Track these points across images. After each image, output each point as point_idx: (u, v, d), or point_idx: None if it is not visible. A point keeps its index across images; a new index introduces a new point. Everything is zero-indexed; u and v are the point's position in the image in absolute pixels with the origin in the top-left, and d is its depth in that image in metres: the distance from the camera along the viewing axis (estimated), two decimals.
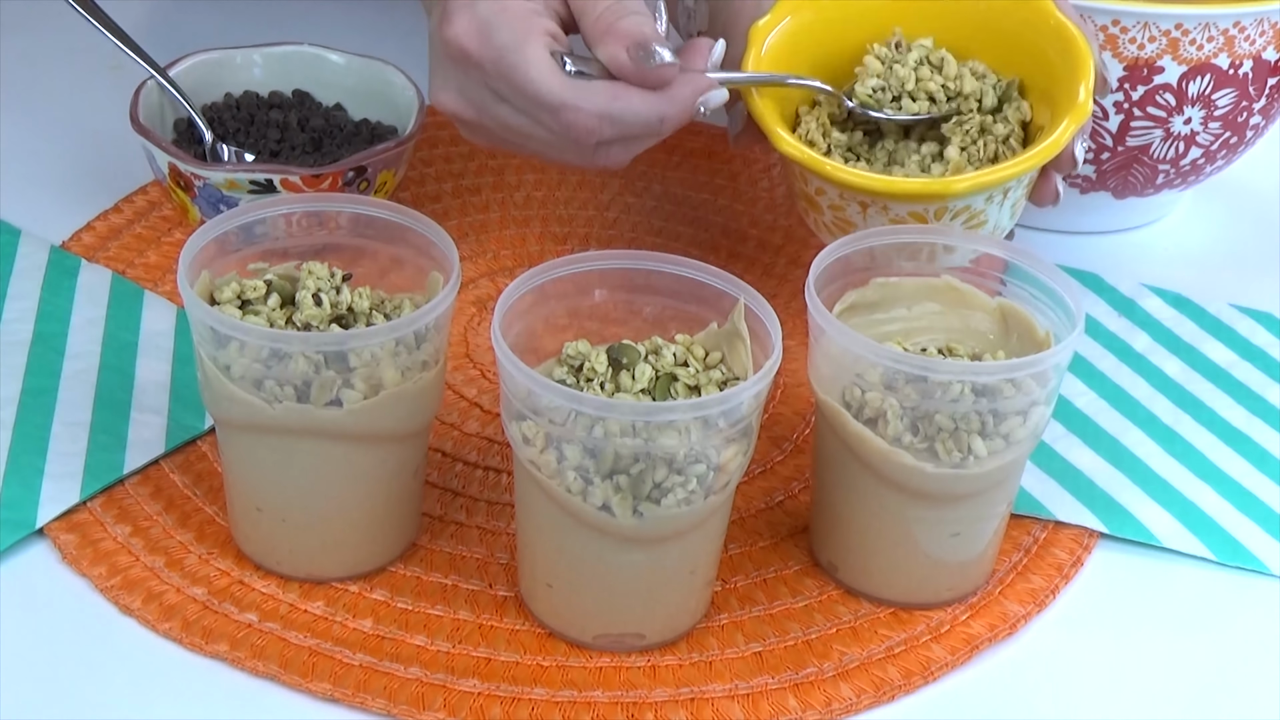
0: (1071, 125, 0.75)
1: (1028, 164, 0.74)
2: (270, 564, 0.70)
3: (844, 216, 0.77)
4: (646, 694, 0.66)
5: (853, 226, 0.77)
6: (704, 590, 0.68)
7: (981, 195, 0.75)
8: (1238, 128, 0.91)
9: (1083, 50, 0.76)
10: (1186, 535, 0.75)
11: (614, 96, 0.71)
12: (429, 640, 0.67)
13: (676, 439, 0.61)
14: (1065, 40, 0.77)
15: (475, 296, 0.87)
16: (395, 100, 0.91)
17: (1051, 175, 0.78)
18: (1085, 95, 0.75)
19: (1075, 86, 0.75)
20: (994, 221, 0.77)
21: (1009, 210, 0.77)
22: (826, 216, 0.78)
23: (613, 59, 0.71)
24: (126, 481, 0.74)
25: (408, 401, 0.66)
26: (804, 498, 0.76)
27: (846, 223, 0.77)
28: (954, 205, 0.75)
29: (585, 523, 0.63)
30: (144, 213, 0.92)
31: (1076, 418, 0.82)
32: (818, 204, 0.78)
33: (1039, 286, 0.69)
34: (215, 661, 0.66)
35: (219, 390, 0.65)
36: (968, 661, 0.69)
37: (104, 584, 0.69)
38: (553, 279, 0.67)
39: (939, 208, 0.75)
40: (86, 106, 1.01)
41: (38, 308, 0.83)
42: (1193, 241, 0.98)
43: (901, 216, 0.75)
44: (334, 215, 0.70)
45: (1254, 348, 0.88)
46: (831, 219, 0.78)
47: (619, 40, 0.70)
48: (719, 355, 0.67)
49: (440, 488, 0.75)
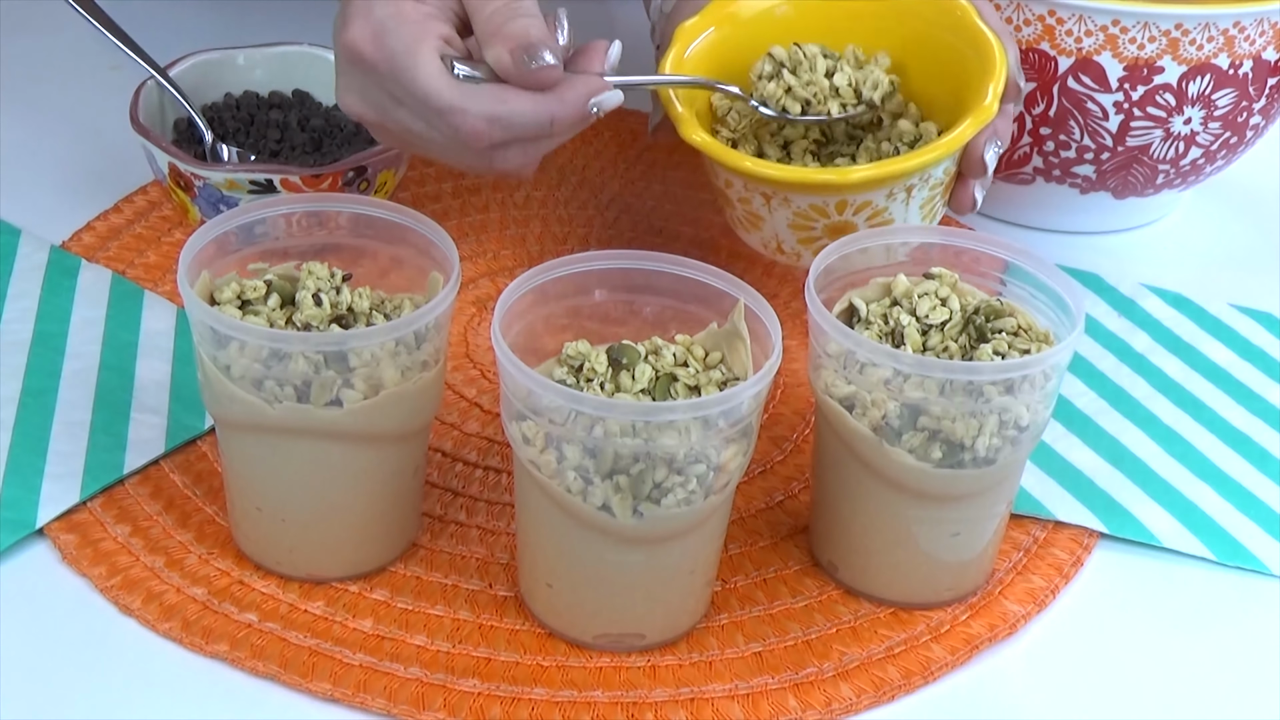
0: (972, 125, 0.75)
1: (920, 159, 0.75)
2: (270, 564, 0.70)
3: (751, 209, 0.78)
4: (646, 694, 0.66)
5: (761, 220, 0.78)
6: (704, 590, 0.68)
7: (880, 191, 0.75)
8: (1238, 128, 0.91)
9: (996, 56, 0.77)
10: (1186, 535, 0.75)
11: (500, 99, 0.70)
12: (429, 640, 0.67)
13: (676, 439, 0.61)
14: (981, 47, 0.78)
15: (475, 296, 0.87)
16: None
17: (968, 182, 0.79)
18: (992, 98, 0.76)
19: (984, 90, 0.76)
20: (900, 220, 0.77)
21: (917, 210, 0.78)
22: (738, 210, 0.80)
23: (498, 61, 0.70)
24: (126, 481, 0.74)
25: (408, 401, 0.66)
26: (804, 498, 0.76)
27: (755, 215, 0.78)
28: (853, 199, 0.76)
29: (585, 523, 0.63)
30: (144, 213, 0.92)
31: (1076, 418, 0.82)
32: (729, 197, 0.79)
33: (1039, 286, 0.69)
34: (215, 661, 0.66)
35: (219, 390, 0.65)
36: (968, 661, 0.69)
37: (104, 584, 0.69)
38: (553, 279, 0.67)
39: (839, 201, 0.76)
40: (86, 106, 1.01)
41: (38, 308, 0.83)
42: (1193, 241, 0.98)
43: (804, 209, 0.76)
44: (334, 215, 0.70)
45: (1254, 348, 0.88)
46: (742, 213, 0.79)
47: (505, 42, 0.70)
48: (719, 355, 0.67)
49: (440, 488, 0.75)
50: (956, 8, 0.80)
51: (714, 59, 0.80)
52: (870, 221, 0.77)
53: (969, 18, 0.79)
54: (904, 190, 0.76)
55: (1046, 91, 0.89)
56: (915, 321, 0.67)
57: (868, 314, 0.68)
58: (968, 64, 0.79)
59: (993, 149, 0.77)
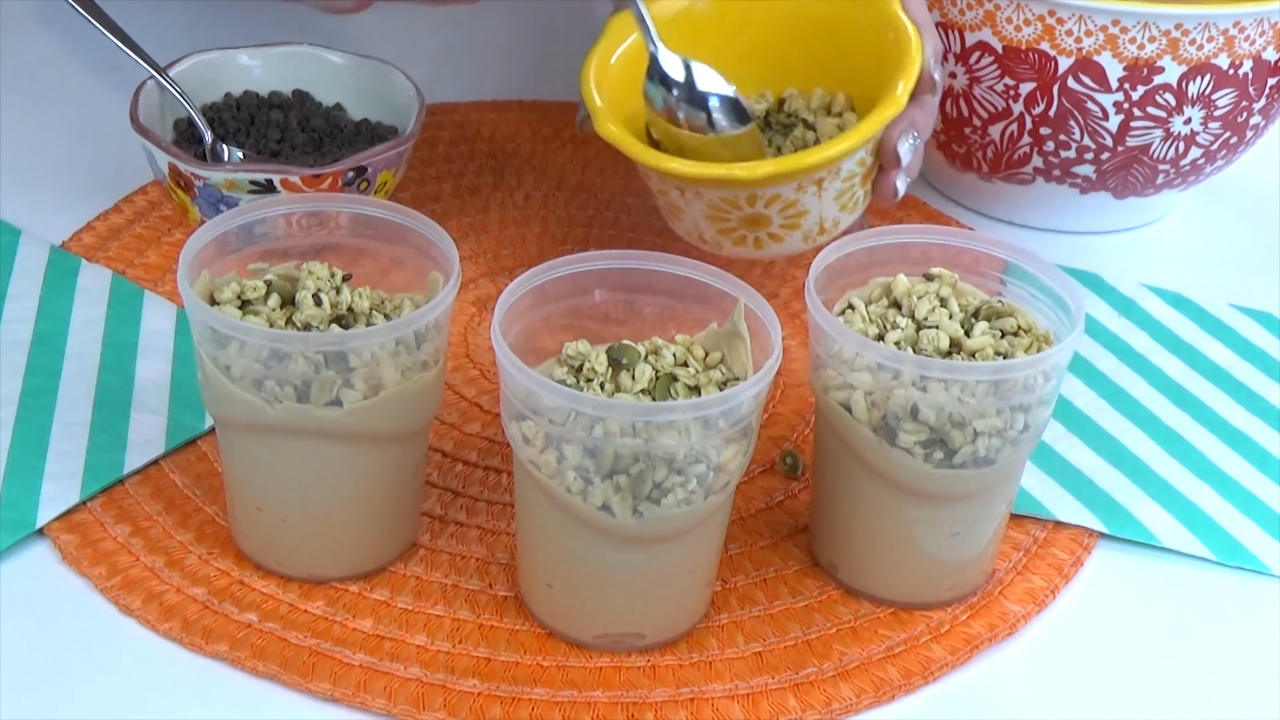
0: (874, 119, 0.76)
1: (821, 155, 0.75)
2: (270, 564, 0.70)
3: (670, 201, 0.79)
4: (646, 694, 0.66)
5: (681, 211, 0.79)
6: (704, 590, 0.68)
7: (788, 185, 0.76)
8: (1238, 128, 0.91)
9: (912, 48, 0.78)
10: (1186, 535, 0.75)
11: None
12: (429, 640, 0.67)
13: (676, 439, 0.61)
14: (899, 38, 0.79)
15: (475, 296, 0.87)
16: (395, 100, 0.91)
17: (889, 172, 0.79)
18: (902, 91, 0.76)
19: (897, 82, 0.77)
20: (817, 212, 0.78)
21: (832, 201, 0.78)
22: (660, 202, 0.81)
23: None
24: (126, 481, 0.74)
25: (408, 401, 0.66)
26: (804, 498, 0.76)
27: (675, 208, 0.79)
28: (762, 193, 0.76)
29: (585, 523, 0.63)
30: (144, 213, 0.92)
31: (1076, 418, 0.82)
32: (651, 189, 0.80)
33: (1039, 286, 0.69)
34: (215, 661, 0.66)
35: (219, 390, 0.65)
36: (968, 661, 0.69)
37: (104, 584, 0.69)
38: (553, 279, 0.67)
39: (748, 194, 0.76)
40: (86, 106, 1.01)
41: (38, 308, 0.83)
42: (1193, 241, 0.98)
43: (716, 202, 0.77)
44: (334, 215, 0.70)
45: (1254, 348, 0.88)
46: (664, 203, 0.80)
47: None
48: (719, 355, 0.67)
49: (440, 488, 0.75)
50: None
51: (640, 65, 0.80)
52: (783, 213, 0.77)
53: (890, 7, 0.80)
54: (813, 184, 0.76)
55: (1046, 91, 0.89)
56: (915, 322, 0.67)
57: (867, 314, 0.68)
58: (887, 54, 0.79)
59: (907, 141, 0.78)
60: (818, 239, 0.80)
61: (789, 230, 0.79)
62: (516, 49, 1.12)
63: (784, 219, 0.78)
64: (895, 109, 0.76)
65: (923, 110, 0.80)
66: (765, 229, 0.78)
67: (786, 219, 0.78)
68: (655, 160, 0.76)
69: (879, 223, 0.95)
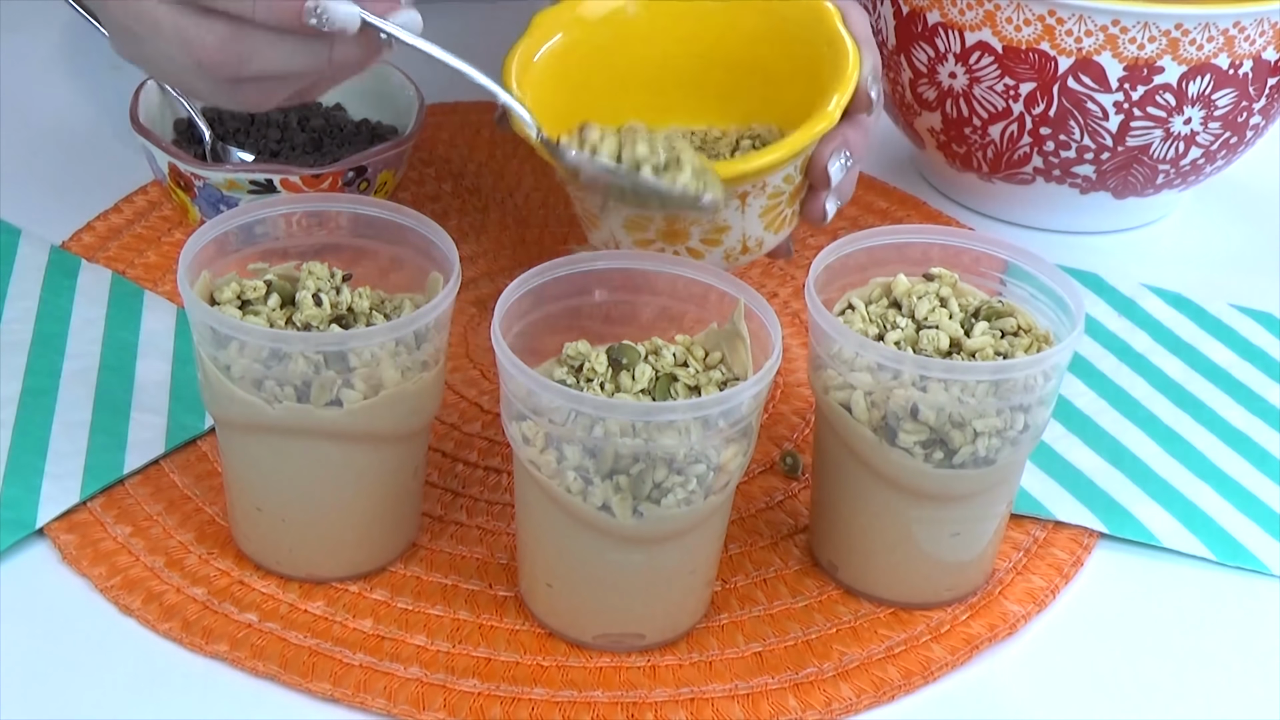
0: (807, 130, 0.72)
1: (745, 165, 0.72)
2: (270, 564, 0.70)
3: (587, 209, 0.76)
4: (646, 694, 0.66)
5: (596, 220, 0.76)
6: (704, 590, 0.68)
7: None
8: (1238, 128, 0.91)
9: (849, 63, 0.74)
10: (1186, 535, 0.75)
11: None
12: (429, 640, 0.67)
13: (676, 439, 0.61)
14: (837, 52, 0.75)
15: (475, 296, 0.87)
16: (395, 100, 0.91)
17: (818, 193, 0.76)
18: (835, 105, 0.73)
19: (830, 97, 0.73)
20: (740, 229, 0.75)
21: (756, 219, 0.75)
22: (578, 209, 0.78)
23: None
24: (126, 481, 0.74)
25: (408, 401, 0.66)
26: (804, 498, 0.76)
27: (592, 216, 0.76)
28: None
29: (585, 523, 0.63)
30: (144, 213, 0.92)
31: (1076, 418, 0.82)
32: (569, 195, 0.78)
33: (1039, 286, 0.69)
34: (215, 661, 0.66)
35: (219, 390, 0.65)
36: (968, 661, 0.69)
37: (104, 584, 0.69)
38: (553, 279, 0.67)
39: None
40: (86, 106, 1.01)
41: (38, 308, 0.83)
42: (1193, 241, 0.98)
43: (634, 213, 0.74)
44: (334, 215, 0.70)
45: (1254, 348, 0.88)
46: (582, 212, 0.78)
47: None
48: (719, 355, 0.67)
49: (440, 488, 0.75)
50: (820, 10, 0.77)
51: (564, 65, 0.78)
52: (703, 227, 0.74)
53: (830, 21, 0.76)
54: (736, 198, 0.73)
55: (1046, 91, 0.89)
56: (915, 322, 0.67)
57: (867, 314, 0.68)
58: (823, 69, 0.76)
59: (838, 160, 0.74)
60: (740, 258, 0.76)
61: (710, 246, 0.75)
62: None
63: (704, 234, 0.75)
64: (827, 123, 0.72)
65: (857, 129, 0.75)
66: (684, 243, 0.75)
67: (707, 234, 0.75)
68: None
69: (878, 223, 0.95)
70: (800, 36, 0.78)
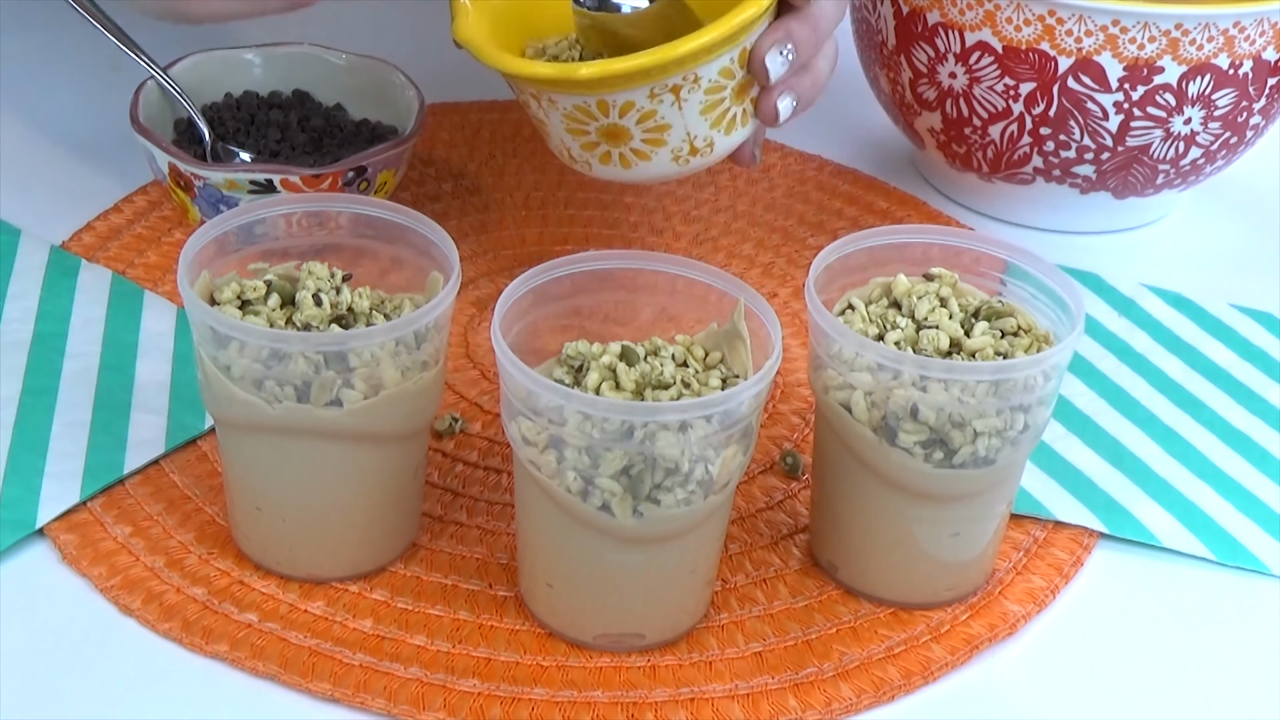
0: (730, 18, 0.70)
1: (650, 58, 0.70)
2: (270, 564, 0.70)
3: (533, 114, 0.76)
4: (646, 694, 0.66)
5: (545, 125, 0.75)
6: (704, 590, 0.68)
7: (639, 91, 0.71)
8: (1238, 128, 0.91)
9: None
10: (1186, 535, 0.75)
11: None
12: (429, 640, 0.67)
13: (676, 439, 0.61)
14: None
15: (475, 296, 0.87)
16: (395, 100, 0.91)
17: (769, 92, 0.73)
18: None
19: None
20: (682, 127, 0.73)
21: (697, 115, 0.73)
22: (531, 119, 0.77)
23: None
24: (126, 481, 0.74)
25: (408, 401, 0.66)
26: (804, 498, 0.76)
27: (540, 122, 0.76)
28: (612, 99, 0.72)
29: (585, 523, 0.63)
30: (144, 213, 0.92)
31: (1076, 418, 0.82)
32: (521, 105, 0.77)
33: (1039, 286, 0.69)
34: (215, 661, 0.66)
35: (219, 390, 0.65)
36: (968, 661, 0.69)
37: (104, 584, 0.69)
38: (553, 279, 0.67)
39: (598, 100, 0.72)
40: (86, 106, 1.01)
41: (38, 308, 0.83)
42: (1193, 241, 0.98)
43: (570, 110, 0.73)
44: (334, 215, 0.70)
45: (1254, 348, 0.88)
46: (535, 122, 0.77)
47: None
48: (719, 355, 0.67)
49: (440, 488, 0.75)
50: None
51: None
52: (642, 125, 0.72)
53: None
54: (669, 91, 0.71)
55: (1046, 91, 0.89)
56: (915, 322, 0.67)
57: (867, 314, 0.68)
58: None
59: (777, 54, 0.71)
60: (690, 159, 0.74)
61: (654, 147, 0.73)
62: None
63: (645, 133, 0.73)
64: (754, 9, 0.70)
65: (802, 22, 0.72)
66: (627, 143, 0.73)
67: (648, 133, 0.73)
68: (494, 60, 0.72)
69: (878, 223, 0.95)
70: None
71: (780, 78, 0.73)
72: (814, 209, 0.97)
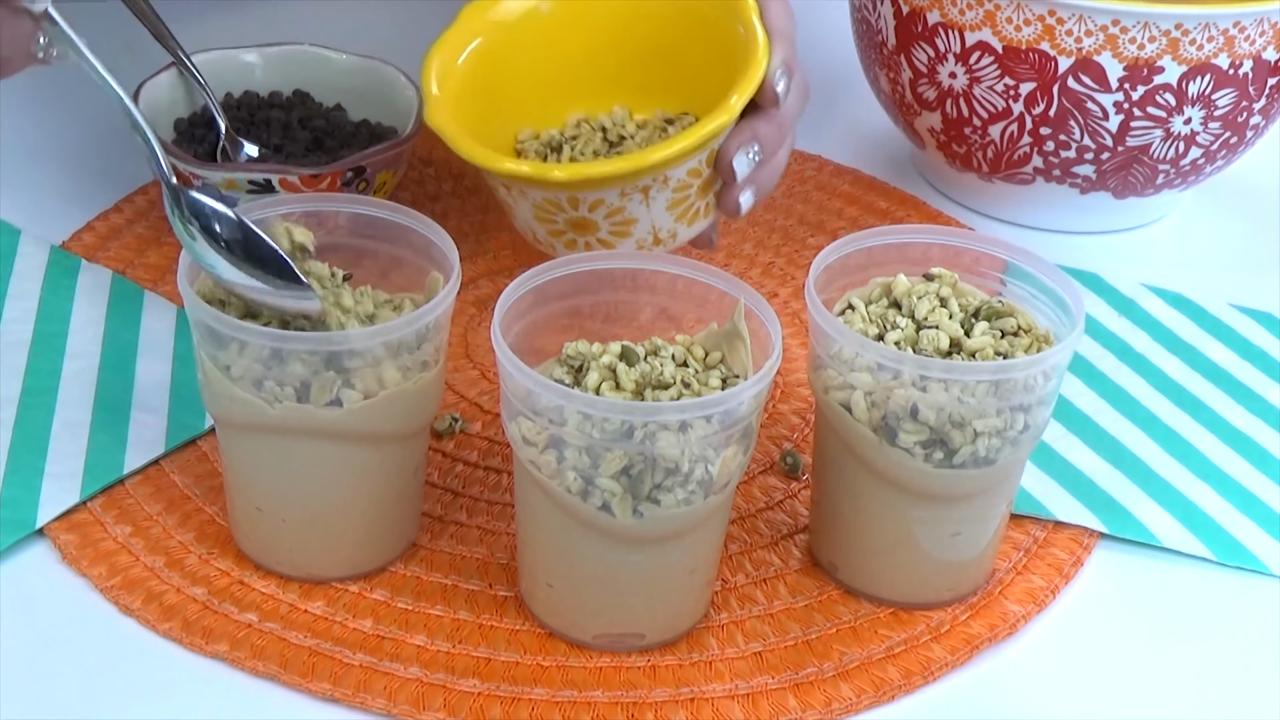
0: (701, 126, 0.72)
1: (618, 165, 0.72)
2: (270, 564, 0.70)
3: (501, 199, 0.78)
4: (646, 694, 0.66)
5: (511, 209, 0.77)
6: (704, 590, 0.68)
7: (611, 191, 0.74)
8: (1238, 128, 0.91)
9: (758, 55, 0.74)
10: (1186, 535, 0.75)
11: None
12: (429, 640, 0.67)
13: (676, 439, 0.61)
14: (749, 45, 0.75)
15: (475, 296, 0.87)
16: (395, 100, 0.91)
17: (733, 188, 0.76)
18: (737, 100, 0.73)
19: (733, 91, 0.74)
20: (648, 221, 0.75)
21: (663, 210, 0.75)
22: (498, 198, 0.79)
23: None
24: (126, 481, 0.74)
25: (408, 401, 0.66)
26: (804, 498, 0.76)
27: (507, 205, 0.78)
28: (584, 196, 0.74)
29: (585, 523, 0.63)
30: (144, 213, 0.92)
31: (1076, 418, 0.82)
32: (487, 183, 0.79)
33: (1039, 286, 0.69)
34: (215, 661, 0.66)
35: (219, 390, 0.65)
36: (968, 661, 0.69)
37: (104, 584, 0.69)
38: (553, 279, 0.67)
39: (569, 197, 0.74)
40: (86, 106, 1.01)
41: (38, 308, 0.83)
42: (1193, 241, 0.98)
43: (540, 203, 0.75)
44: (333, 215, 0.70)
45: (1254, 348, 0.88)
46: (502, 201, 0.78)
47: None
48: (719, 355, 0.67)
49: (440, 488, 0.75)
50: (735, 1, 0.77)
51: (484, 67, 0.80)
52: (610, 219, 0.75)
53: (744, 11, 0.76)
54: (638, 191, 0.74)
55: (1046, 91, 0.89)
56: (915, 322, 0.67)
57: (867, 314, 0.68)
58: (736, 61, 0.76)
59: (744, 155, 0.74)
60: (653, 249, 0.77)
61: (619, 238, 0.76)
62: None
63: (612, 225, 0.75)
64: (725, 117, 0.73)
65: (768, 123, 0.75)
66: (594, 234, 0.76)
67: (615, 225, 0.75)
68: (470, 153, 0.74)
69: (878, 223, 0.95)
70: (716, 27, 0.78)
71: (746, 177, 0.75)
72: (814, 209, 0.97)
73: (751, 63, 0.74)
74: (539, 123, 0.83)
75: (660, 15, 0.81)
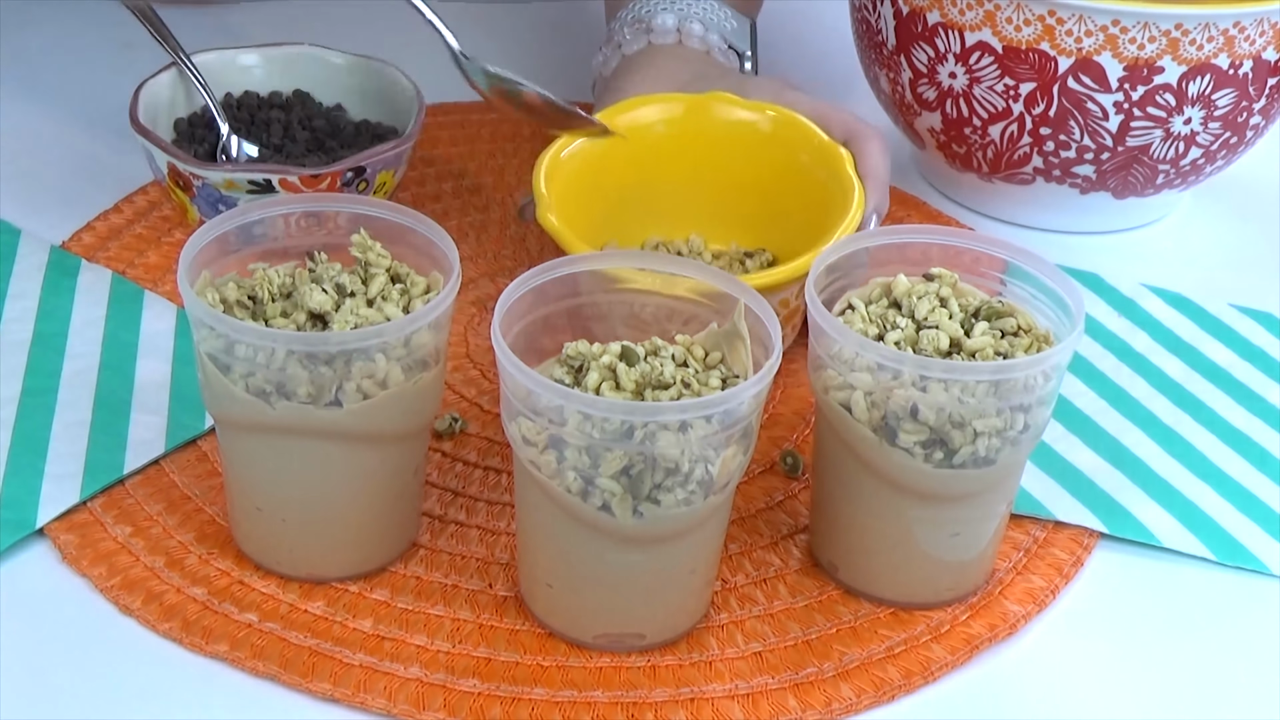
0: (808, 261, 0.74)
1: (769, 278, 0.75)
2: (270, 564, 0.70)
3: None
4: (646, 694, 0.66)
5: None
6: (704, 590, 0.68)
7: None
8: (1238, 128, 0.91)
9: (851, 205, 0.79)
10: (1186, 535, 0.75)
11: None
12: (429, 640, 0.67)
13: (676, 439, 0.61)
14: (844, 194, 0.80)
15: (475, 296, 0.87)
16: (395, 100, 0.91)
17: None
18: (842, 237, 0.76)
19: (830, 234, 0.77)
20: None
21: None
22: None
23: None
24: (126, 481, 0.74)
25: (408, 401, 0.66)
26: (804, 498, 0.76)
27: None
28: None
29: (585, 523, 0.63)
30: (144, 213, 0.92)
31: (1076, 418, 0.82)
32: None
33: (1039, 286, 0.69)
34: (215, 661, 0.66)
35: (219, 390, 0.65)
36: (968, 661, 0.69)
37: (104, 584, 0.69)
38: (553, 279, 0.67)
39: None
40: (87, 106, 1.01)
41: (38, 308, 0.83)
42: (1193, 241, 0.98)
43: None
44: (333, 215, 0.70)
45: (1254, 348, 0.88)
46: None
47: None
48: (719, 355, 0.67)
49: (440, 488, 0.75)
50: (832, 152, 0.82)
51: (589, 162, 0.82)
52: None
53: (841, 164, 0.81)
54: None
55: (1046, 91, 0.89)
56: (915, 322, 0.67)
57: (867, 314, 0.68)
58: (831, 208, 0.80)
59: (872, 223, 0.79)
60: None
61: None
62: (517, 49, 1.12)
63: None
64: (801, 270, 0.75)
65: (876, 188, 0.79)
66: None
67: None
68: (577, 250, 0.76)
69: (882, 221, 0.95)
70: (810, 173, 0.82)
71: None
72: None
73: (847, 211, 0.78)
74: (621, 237, 0.84)
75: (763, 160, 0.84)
